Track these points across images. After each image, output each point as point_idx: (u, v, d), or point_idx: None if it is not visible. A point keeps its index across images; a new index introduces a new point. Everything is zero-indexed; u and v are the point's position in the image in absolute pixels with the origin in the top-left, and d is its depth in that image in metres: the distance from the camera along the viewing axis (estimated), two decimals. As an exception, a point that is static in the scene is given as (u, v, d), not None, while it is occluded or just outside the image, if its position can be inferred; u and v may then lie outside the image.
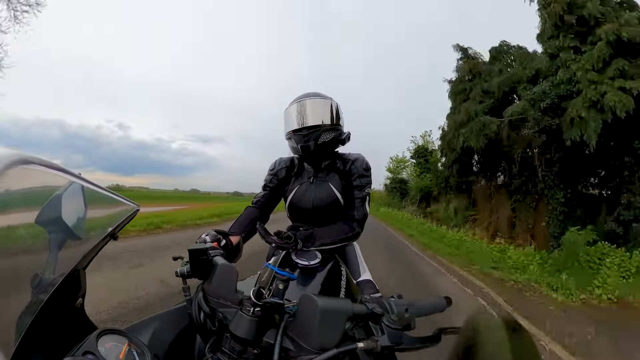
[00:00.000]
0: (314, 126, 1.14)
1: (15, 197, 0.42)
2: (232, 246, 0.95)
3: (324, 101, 1.17)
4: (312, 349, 0.49)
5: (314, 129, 1.14)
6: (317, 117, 1.14)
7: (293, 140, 1.17)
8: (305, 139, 1.13)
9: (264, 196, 1.30)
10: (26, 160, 0.40)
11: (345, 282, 0.92)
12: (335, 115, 1.18)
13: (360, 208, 1.17)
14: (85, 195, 0.63)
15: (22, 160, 0.39)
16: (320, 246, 1.02)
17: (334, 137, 1.17)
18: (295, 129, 1.15)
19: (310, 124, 1.14)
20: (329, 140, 1.16)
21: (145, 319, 0.65)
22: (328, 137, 1.16)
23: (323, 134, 1.14)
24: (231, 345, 0.54)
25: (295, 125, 1.15)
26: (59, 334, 0.49)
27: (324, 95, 1.20)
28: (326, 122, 1.15)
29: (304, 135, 1.14)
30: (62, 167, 0.52)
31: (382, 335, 0.52)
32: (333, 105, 1.18)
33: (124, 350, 0.49)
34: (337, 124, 1.18)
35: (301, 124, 1.14)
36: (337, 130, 1.18)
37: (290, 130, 1.18)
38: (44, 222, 0.54)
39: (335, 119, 1.17)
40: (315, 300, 0.51)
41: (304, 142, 1.13)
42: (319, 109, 1.16)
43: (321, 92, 1.22)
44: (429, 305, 0.60)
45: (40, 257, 0.53)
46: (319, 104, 1.17)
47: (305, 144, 1.13)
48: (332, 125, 1.16)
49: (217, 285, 0.60)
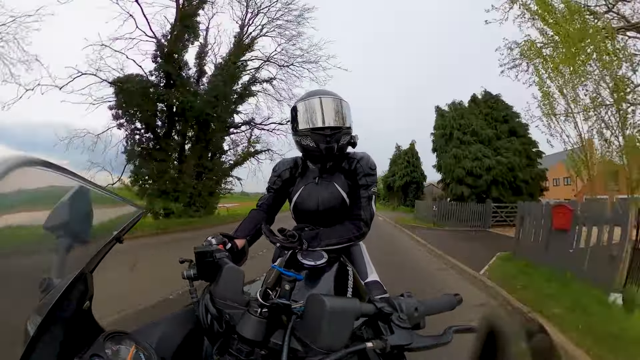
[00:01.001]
0: (337, 127, 1.09)
1: (19, 199, 0.42)
2: (238, 249, 0.94)
3: (343, 102, 1.13)
4: (320, 350, 0.48)
5: (337, 130, 1.09)
6: (340, 117, 1.10)
7: (310, 138, 1.10)
8: (328, 139, 1.07)
9: (268, 198, 1.29)
10: (30, 162, 0.40)
11: (353, 282, 0.91)
12: (349, 118, 1.15)
13: (366, 207, 1.14)
14: (91, 199, 0.64)
15: (25, 162, 0.39)
16: (326, 246, 1.01)
17: (349, 140, 1.15)
18: (317, 127, 1.08)
19: (334, 124, 1.08)
20: (345, 144, 1.14)
21: (152, 322, 0.65)
22: (346, 140, 1.14)
23: (343, 136, 1.11)
24: (238, 347, 0.53)
25: (318, 123, 1.08)
26: (67, 337, 0.49)
27: (338, 95, 1.15)
28: (347, 124, 1.12)
29: (327, 136, 1.07)
30: (67, 170, 0.52)
31: (392, 335, 0.51)
32: (349, 107, 1.15)
33: (131, 353, 0.49)
34: (350, 127, 1.16)
35: (324, 123, 1.08)
36: (350, 133, 1.16)
37: (308, 128, 1.10)
38: (52, 226, 0.55)
39: (348, 122, 1.14)
40: (322, 300, 0.50)
41: (327, 142, 1.08)
42: (341, 110, 1.12)
43: (332, 91, 1.17)
44: (438, 304, 0.59)
45: (48, 260, 0.54)
46: (340, 104, 1.12)
47: (329, 146, 1.08)
48: (349, 128, 1.14)
49: (224, 287, 0.60)
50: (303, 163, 1.29)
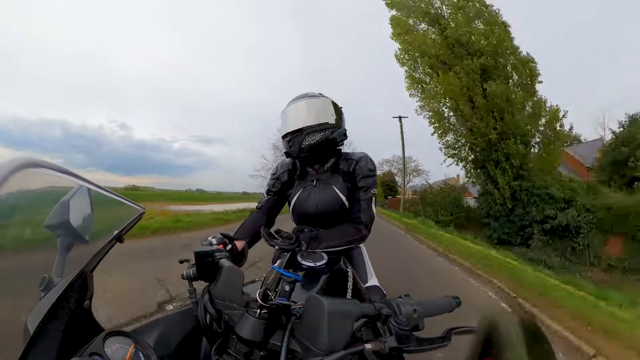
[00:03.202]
0: (296, 130, 1.11)
1: (24, 200, 0.43)
2: (237, 251, 0.94)
3: (307, 102, 1.13)
4: (319, 351, 0.48)
5: (297, 133, 1.11)
6: (298, 120, 1.11)
7: (283, 145, 1.18)
8: (290, 144, 1.12)
9: (268, 200, 1.29)
10: (34, 164, 0.41)
11: (352, 284, 0.91)
12: (322, 114, 1.12)
13: (366, 210, 1.13)
14: (92, 199, 0.64)
15: (30, 163, 0.39)
16: (325, 248, 1.00)
17: (323, 137, 1.10)
18: (282, 135, 1.16)
19: (291, 129, 1.12)
20: (316, 142, 1.10)
21: (152, 321, 0.65)
22: (314, 139, 1.10)
23: (307, 136, 1.09)
24: (237, 348, 0.53)
25: (282, 132, 1.17)
26: (67, 336, 0.49)
27: (312, 95, 1.16)
28: (309, 123, 1.10)
29: (288, 141, 1.13)
30: (69, 171, 0.52)
31: (390, 337, 0.50)
32: (318, 104, 1.13)
33: (130, 352, 0.49)
34: (327, 122, 1.12)
35: (285, 130, 1.14)
36: (326, 130, 1.11)
37: (281, 137, 1.19)
38: (53, 225, 0.55)
39: (322, 118, 1.11)
40: (322, 301, 0.50)
41: (289, 147, 1.13)
42: (302, 112, 1.13)
43: (312, 92, 1.18)
44: (437, 306, 0.59)
45: (49, 260, 0.54)
46: (301, 107, 1.13)
47: (290, 149, 1.13)
48: (319, 125, 1.10)
49: (223, 287, 0.60)
50: (301, 165, 1.28)
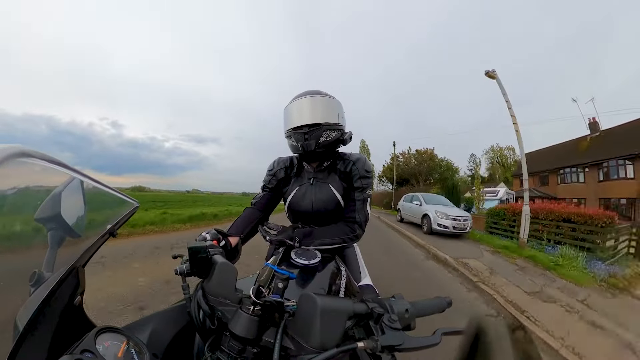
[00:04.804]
0: (315, 124, 1.09)
1: (13, 192, 0.42)
2: (231, 247, 0.94)
3: (325, 99, 1.13)
4: (312, 348, 0.48)
5: (315, 127, 1.09)
6: (318, 115, 1.10)
7: (293, 138, 1.13)
8: (305, 137, 1.09)
9: (263, 197, 1.28)
10: (26, 154, 0.39)
11: (345, 282, 0.92)
12: (337, 114, 1.14)
13: (361, 210, 1.14)
14: (85, 191, 0.63)
15: (21, 153, 0.38)
16: (319, 245, 1.01)
17: (336, 136, 1.13)
18: (296, 126, 1.11)
19: (311, 122, 1.09)
20: (331, 140, 1.12)
21: (144, 317, 0.64)
22: (329, 137, 1.12)
23: (324, 133, 1.10)
24: (230, 344, 0.53)
25: (296, 123, 1.10)
26: (58, 332, 0.49)
27: (325, 93, 1.15)
28: (328, 120, 1.10)
29: (304, 134, 1.09)
30: (62, 162, 0.51)
31: (382, 335, 0.51)
32: (335, 104, 1.14)
33: (122, 349, 0.49)
34: (339, 123, 1.14)
35: (302, 122, 1.10)
36: (338, 130, 1.14)
37: (290, 128, 1.13)
38: (44, 219, 0.54)
39: (337, 118, 1.13)
40: (315, 299, 0.50)
41: (304, 140, 1.10)
42: (320, 107, 1.11)
43: (323, 90, 1.17)
44: (429, 306, 0.60)
45: (39, 254, 0.53)
46: (320, 102, 1.12)
47: (305, 143, 1.10)
48: (334, 124, 1.12)
49: (217, 284, 0.60)
50: (299, 163, 1.28)
